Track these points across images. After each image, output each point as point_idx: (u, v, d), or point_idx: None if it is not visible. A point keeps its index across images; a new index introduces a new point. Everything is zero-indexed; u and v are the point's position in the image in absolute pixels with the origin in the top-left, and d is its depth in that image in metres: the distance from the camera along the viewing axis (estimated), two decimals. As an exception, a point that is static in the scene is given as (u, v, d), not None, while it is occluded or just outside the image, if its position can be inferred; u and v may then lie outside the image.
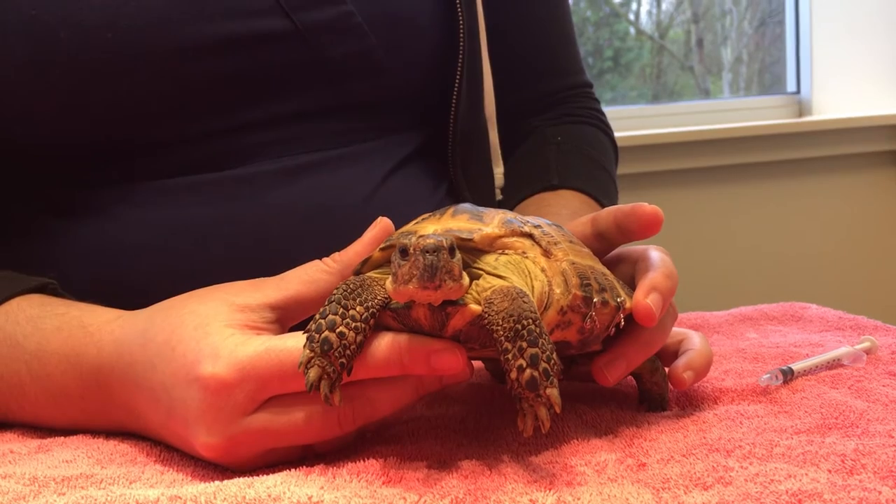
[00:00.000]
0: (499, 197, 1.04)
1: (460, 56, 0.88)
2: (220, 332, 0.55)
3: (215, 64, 0.76)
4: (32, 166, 0.78)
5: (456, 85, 0.89)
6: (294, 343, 0.52)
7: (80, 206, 0.77)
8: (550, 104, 1.06)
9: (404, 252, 0.49)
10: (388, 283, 0.50)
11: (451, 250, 0.49)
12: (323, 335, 0.50)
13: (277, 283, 0.60)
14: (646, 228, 0.63)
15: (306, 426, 0.53)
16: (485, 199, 0.99)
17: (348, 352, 0.50)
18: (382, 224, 0.61)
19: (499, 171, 1.06)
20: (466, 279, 0.51)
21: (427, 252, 0.48)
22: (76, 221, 0.77)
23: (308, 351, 0.50)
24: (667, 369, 0.65)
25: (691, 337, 0.67)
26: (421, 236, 0.49)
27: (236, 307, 0.57)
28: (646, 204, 0.63)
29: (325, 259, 0.61)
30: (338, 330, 0.50)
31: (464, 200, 0.90)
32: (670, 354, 0.66)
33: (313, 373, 0.50)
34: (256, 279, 0.61)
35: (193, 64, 0.75)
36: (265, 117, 0.79)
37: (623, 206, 0.64)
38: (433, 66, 0.89)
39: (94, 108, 0.74)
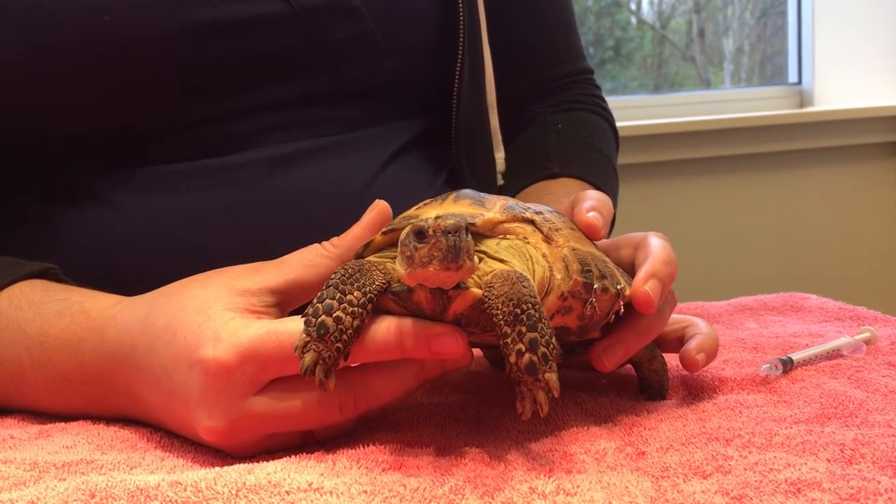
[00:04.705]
0: (500, 182, 1.04)
1: (461, 42, 0.88)
2: (220, 315, 0.55)
3: (213, 48, 0.76)
4: (29, 154, 0.77)
5: (457, 71, 0.88)
6: (295, 326, 0.52)
7: (78, 194, 0.77)
8: (551, 91, 1.05)
9: (420, 234, 0.49)
10: (399, 267, 0.50)
11: (467, 231, 0.49)
12: (319, 319, 0.50)
13: (277, 267, 0.60)
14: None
15: (307, 410, 0.53)
16: (487, 184, 0.98)
17: (345, 337, 0.50)
18: (379, 207, 0.61)
19: (500, 156, 1.06)
20: (477, 260, 0.51)
21: (449, 233, 0.48)
22: (73, 209, 0.77)
23: (304, 335, 0.50)
24: (675, 354, 0.65)
25: (697, 322, 0.67)
26: (438, 217, 0.49)
27: (237, 291, 0.57)
28: (592, 213, 0.63)
29: (324, 243, 0.61)
30: (335, 315, 0.50)
31: (466, 187, 0.90)
32: (674, 341, 0.67)
33: (309, 357, 0.50)
34: (256, 263, 0.61)
35: (191, 48, 0.75)
36: (264, 102, 0.79)
37: (581, 209, 0.64)
38: (433, 51, 0.88)
39: (93, 94, 0.74)
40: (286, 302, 0.60)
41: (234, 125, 0.78)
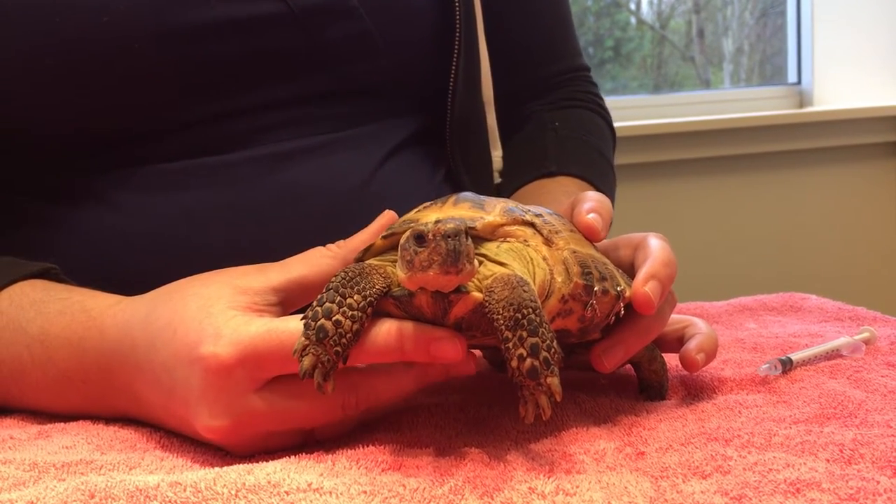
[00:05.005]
0: (497, 181, 1.04)
1: (457, 40, 0.88)
2: (223, 313, 0.55)
3: (212, 48, 0.76)
4: (30, 154, 0.78)
5: (453, 69, 0.88)
6: (296, 325, 0.52)
7: (78, 193, 0.77)
8: (548, 88, 1.05)
9: (420, 238, 0.49)
10: (399, 271, 0.50)
11: (466, 234, 0.49)
12: (319, 323, 0.50)
13: (281, 266, 0.61)
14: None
15: (308, 409, 0.54)
16: (483, 183, 0.98)
17: (344, 340, 0.50)
18: (389, 216, 0.62)
19: (497, 154, 1.06)
20: (476, 263, 0.51)
21: (449, 237, 0.48)
22: (73, 209, 0.77)
23: (303, 339, 0.50)
24: (675, 354, 0.65)
25: (696, 322, 0.67)
26: (438, 221, 0.49)
27: (239, 290, 0.58)
28: (592, 214, 0.63)
29: (328, 245, 0.62)
30: (334, 318, 0.50)
31: (462, 185, 0.90)
32: (673, 341, 0.67)
33: (307, 361, 0.50)
34: (259, 264, 0.61)
35: (190, 48, 0.75)
36: (262, 101, 0.79)
37: (581, 210, 0.64)
38: (430, 49, 0.89)
39: (92, 93, 0.74)
40: (289, 301, 0.60)
41: (233, 124, 0.79)
